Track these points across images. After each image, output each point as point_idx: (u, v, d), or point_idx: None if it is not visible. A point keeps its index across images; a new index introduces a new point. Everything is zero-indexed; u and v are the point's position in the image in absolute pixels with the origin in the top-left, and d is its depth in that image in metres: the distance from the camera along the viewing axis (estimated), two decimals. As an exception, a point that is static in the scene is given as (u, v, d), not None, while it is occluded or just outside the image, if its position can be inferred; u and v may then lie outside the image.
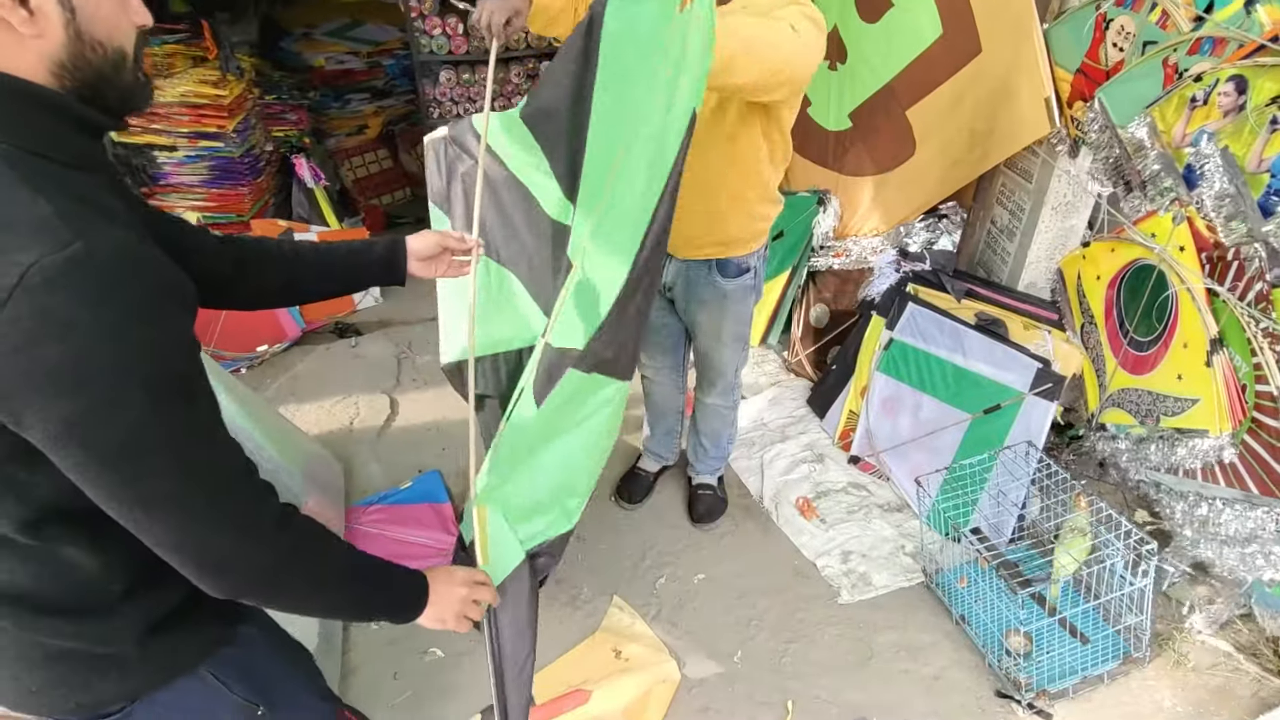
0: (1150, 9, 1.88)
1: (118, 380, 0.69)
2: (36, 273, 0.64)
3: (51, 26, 0.71)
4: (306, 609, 0.94)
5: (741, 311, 2.06)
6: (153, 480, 0.75)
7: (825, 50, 1.61)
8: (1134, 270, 2.10)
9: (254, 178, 3.53)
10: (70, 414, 0.69)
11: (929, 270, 2.68)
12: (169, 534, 0.78)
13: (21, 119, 0.72)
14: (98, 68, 0.75)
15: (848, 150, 2.85)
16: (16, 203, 0.68)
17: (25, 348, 0.65)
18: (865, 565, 2.29)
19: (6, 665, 0.88)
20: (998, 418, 2.33)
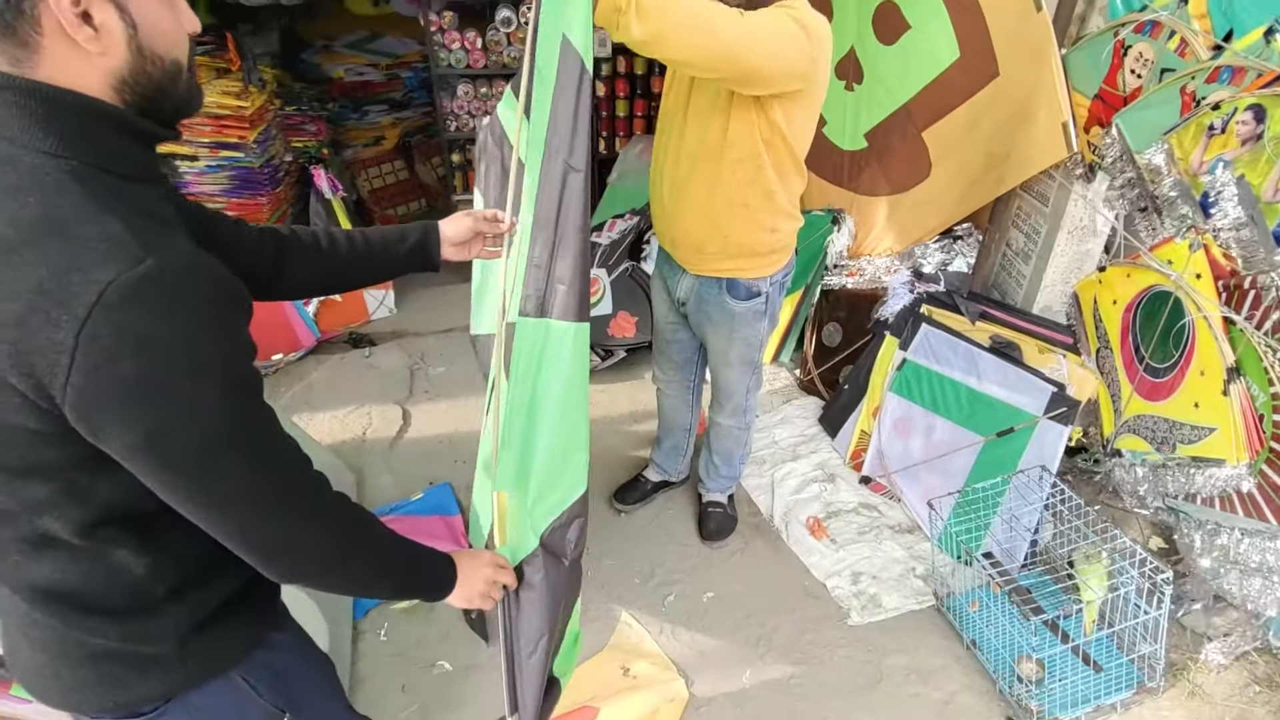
0: (1169, 37, 1.89)
1: (194, 388, 0.73)
2: (114, 291, 0.67)
3: (115, 43, 0.73)
4: (356, 588, 0.99)
5: (750, 335, 2.03)
6: (227, 480, 0.79)
7: (818, 57, 1.60)
8: (1150, 296, 2.10)
9: (273, 188, 3.57)
10: (150, 425, 0.72)
11: (943, 291, 2.68)
12: (241, 528, 0.82)
13: (87, 135, 0.74)
14: (157, 80, 0.78)
15: (863, 170, 2.86)
16: (87, 220, 0.70)
17: (105, 364, 0.68)
18: (876, 587, 2.28)
19: (49, 662, 0.90)
20: (1011, 441, 2.32)
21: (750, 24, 1.46)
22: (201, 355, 0.73)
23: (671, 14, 1.35)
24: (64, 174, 0.72)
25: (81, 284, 0.67)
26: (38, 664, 0.91)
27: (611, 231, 3.28)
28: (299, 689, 1.08)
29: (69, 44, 0.71)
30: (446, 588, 1.08)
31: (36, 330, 0.67)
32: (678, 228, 1.89)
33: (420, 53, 4.55)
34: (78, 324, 0.67)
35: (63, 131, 0.72)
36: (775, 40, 1.50)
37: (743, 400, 2.23)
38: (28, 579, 0.84)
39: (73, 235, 0.69)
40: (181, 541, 0.84)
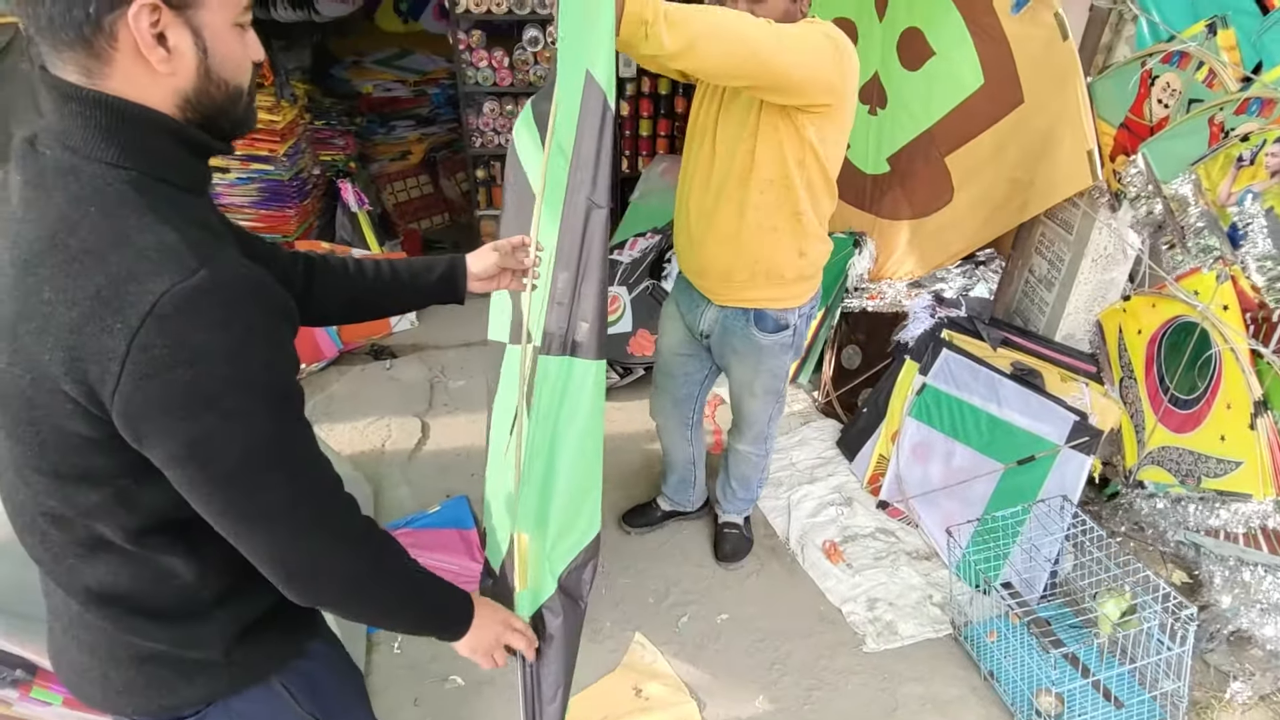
0: (1197, 67, 1.88)
1: (241, 400, 0.74)
2: (168, 301, 0.68)
3: (185, 66, 0.76)
4: (374, 616, 0.99)
5: (777, 367, 2.02)
6: (263, 495, 0.79)
7: (847, 72, 1.61)
8: (1176, 327, 2.08)
9: (301, 200, 3.63)
10: (195, 435, 0.73)
11: (964, 317, 2.66)
12: (271, 545, 0.82)
13: (148, 146, 0.76)
14: (219, 103, 0.80)
15: (885, 194, 2.86)
16: (145, 230, 0.71)
17: (156, 373, 0.69)
18: (892, 613, 2.26)
19: (98, 664, 0.91)
20: (1031, 469, 2.30)
21: (779, 32, 1.48)
22: (251, 368, 0.74)
23: (701, 22, 1.37)
24: (124, 184, 0.74)
25: (137, 293, 0.68)
26: (85, 666, 0.92)
27: (633, 250, 3.30)
28: (333, 699, 1.09)
29: (140, 62, 0.73)
30: (462, 629, 1.07)
31: (92, 337, 0.69)
32: (705, 255, 1.87)
33: (448, 70, 4.63)
34: (131, 332, 0.68)
35: (125, 143, 0.74)
36: (804, 51, 1.51)
37: (764, 428, 2.21)
38: (81, 582, 0.86)
39: (131, 245, 0.70)
40: (228, 549, 0.85)
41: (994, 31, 2.30)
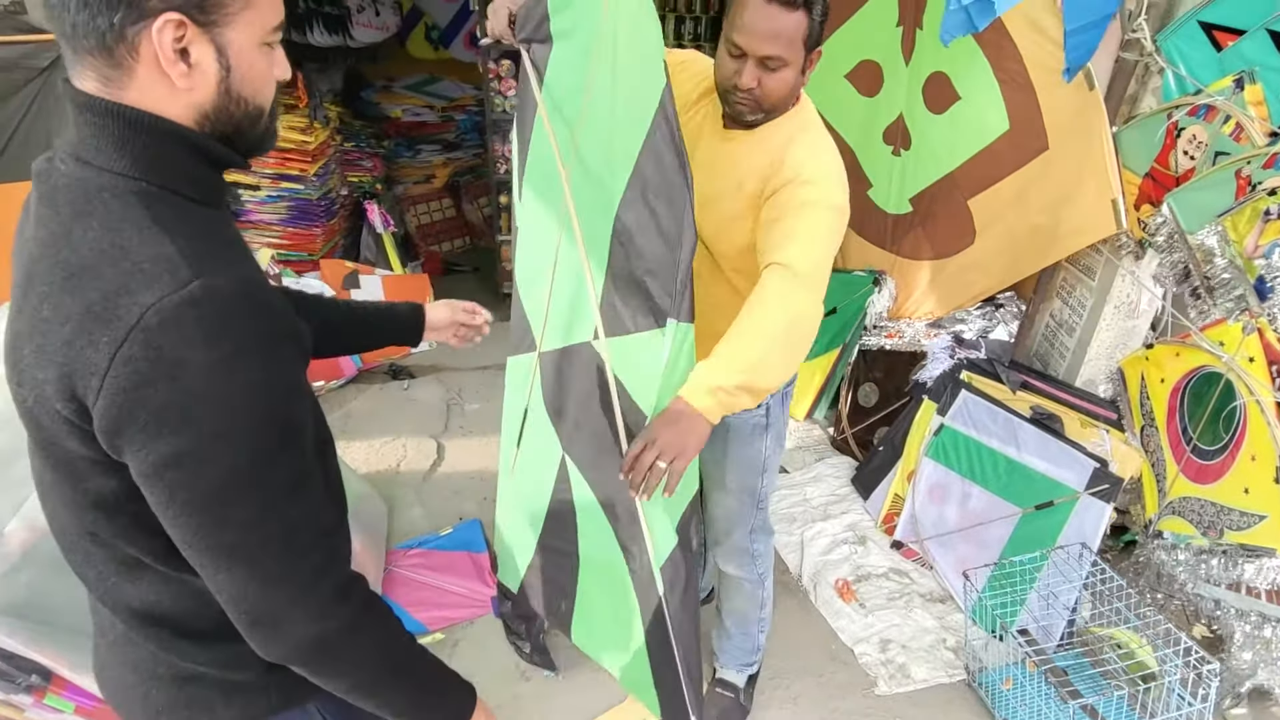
0: (1224, 121, 1.90)
1: (221, 423, 0.69)
2: (154, 314, 0.66)
3: (206, 82, 0.73)
4: (351, 692, 0.90)
5: (749, 456, 1.69)
6: (233, 530, 0.74)
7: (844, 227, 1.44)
8: (1200, 377, 2.07)
9: (328, 220, 3.68)
10: (166, 454, 0.69)
11: (984, 359, 2.66)
12: (232, 585, 0.77)
13: (161, 157, 0.73)
14: (238, 121, 0.78)
15: (906, 234, 2.88)
16: (145, 242, 0.69)
17: (136, 387, 0.66)
18: (905, 656, 2.23)
19: (140, 682, 0.91)
20: (1050, 515, 2.28)
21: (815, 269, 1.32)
22: (236, 389, 0.69)
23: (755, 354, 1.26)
24: (131, 194, 0.71)
25: (126, 306, 0.66)
26: (128, 683, 0.92)
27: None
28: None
29: (160, 75, 0.71)
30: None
31: (80, 352, 0.67)
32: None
33: (475, 97, 4.72)
34: (115, 346, 0.66)
35: (137, 153, 0.72)
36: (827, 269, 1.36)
37: (745, 542, 1.82)
38: (125, 601, 0.85)
39: (128, 258, 0.68)
40: None
41: (1020, 78, 2.33)
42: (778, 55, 1.32)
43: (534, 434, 1.75)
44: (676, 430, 1.20)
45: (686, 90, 1.52)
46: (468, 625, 2.27)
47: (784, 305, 1.28)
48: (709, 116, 1.51)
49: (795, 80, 1.38)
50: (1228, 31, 1.92)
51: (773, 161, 1.39)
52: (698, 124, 1.51)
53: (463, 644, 2.21)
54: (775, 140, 1.42)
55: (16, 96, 2.65)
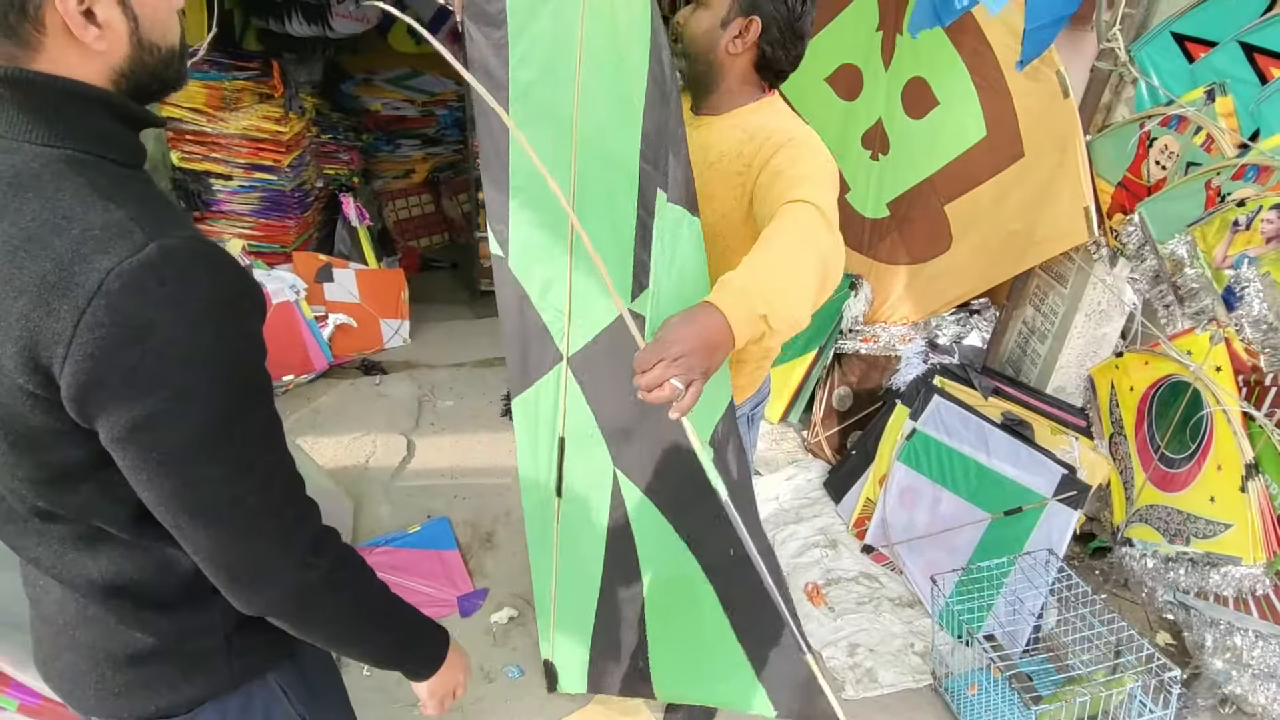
0: (1195, 132, 1.91)
1: (191, 380, 0.70)
2: (115, 278, 0.65)
3: (118, 39, 0.72)
4: (332, 640, 0.91)
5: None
6: (205, 487, 0.74)
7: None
8: (1168, 385, 2.08)
9: (301, 212, 3.63)
10: (138, 416, 0.69)
11: (957, 364, 2.67)
12: (210, 544, 0.77)
13: (81, 122, 0.72)
14: (153, 69, 0.76)
15: (883, 238, 2.89)
16: (90, 209, 0.68)
17: (104, 352, 0.66)
18: (872, 660, 2.22)
19: (96, 666, 0.88)
20: (1018, 521, 2.29)
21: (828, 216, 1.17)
22: (204, 346, 0.70)
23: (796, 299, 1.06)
24: (60, 164, 0.70)
25: (84, 273, 0.65)
26: (81, 670, 0.89)
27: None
28: (323, 700, 1.07)
29: (71, 42, 0.69)
30: (432, 668, 1.02)
31: (39, 324, 0.66)
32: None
33: (456, 92, 4.68)
34: (78, 313, 0.65)
35: (56, 120, 0.71)
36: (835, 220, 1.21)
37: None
38: (85, 575, 0.83)
39: (76, 225, 0.67)
40: None
41: (998, 85, 2.34)
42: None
43: (579, 462, 1.62)
44: (685, 333, 0.96)
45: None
46: (432, 625, 2.23)
47: (813, 237, 1.13)
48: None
49: (710, 26, 1.36)
50: (1200, 43, 1.94)
51: (752, 136, 1.36)
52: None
53: (426, 644, 2.17)
54: (750, 121, 1.39)
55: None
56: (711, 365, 0.96)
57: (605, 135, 1.34)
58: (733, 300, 0.98)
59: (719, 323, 0.97)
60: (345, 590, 0.88)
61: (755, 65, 1.41)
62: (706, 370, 0.95)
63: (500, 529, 2.58)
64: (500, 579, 2.39)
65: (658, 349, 0.93)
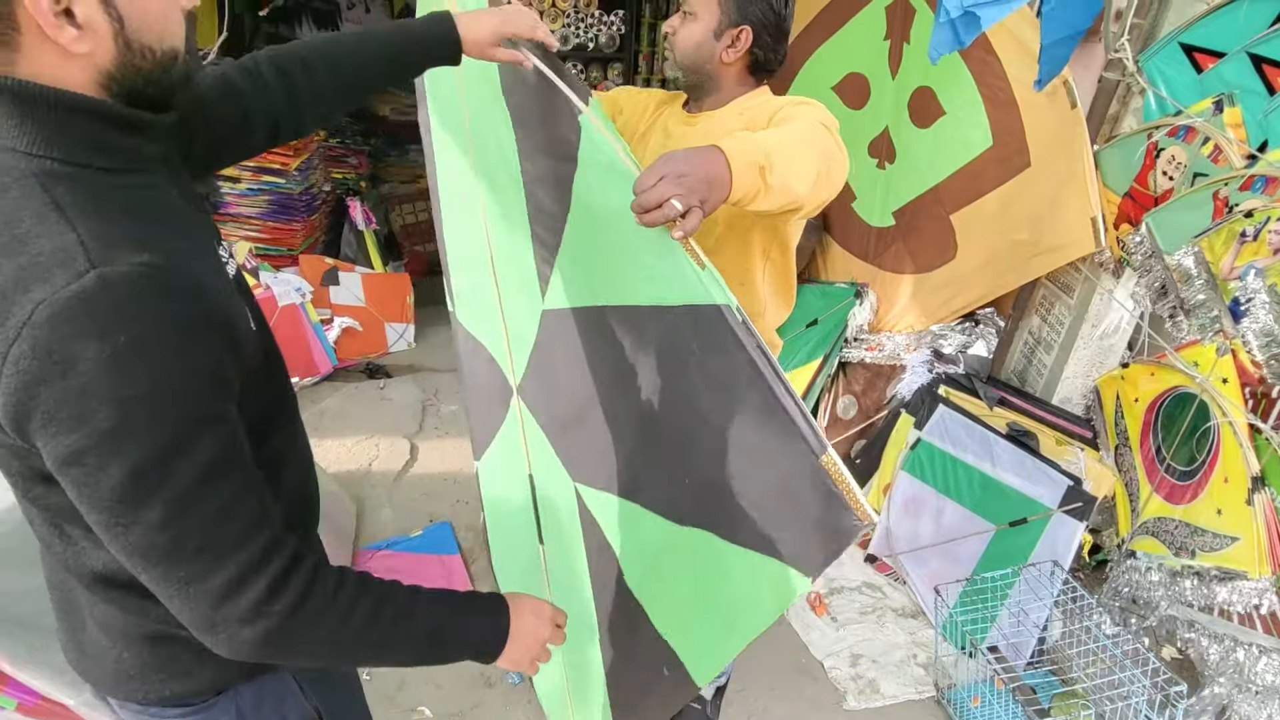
0: (1203, 142, 1.90)
1: (117, 419, 0.64)
2: (44, 309, 0.62)
3: (100, 39, 0.67)
4: (331, 666, 0.89)
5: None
6: (140, 531, 0.69)
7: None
8: (1174, 397, 2.07)
9: (309, 215, 3.64)
10: (67, 452, 0.65)
11: (962, 374, 2.66)
12: (154, 584, 0.72)
13: (65, 130, 0.68)
14: (147, 73, 0.71)
15: (889, 247, 2.88)
16: (44, 233, 0.64)
17: (27, 386, 0.63)
18: (875, 671, 2.21)
19: (112, 646, 0.88)
20: (1023, 532, 2.27)
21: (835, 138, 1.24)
22: (134, 382, 0.64)
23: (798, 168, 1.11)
24: (33, 176, 0.67)
25: (20, 303, 0.62)
26: (102, 647, 0.89)
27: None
28: (337, 695, 1.06)
29: (47, 44, 0.65)
30: (492, 649, 0.94)
31: None
32: None
33: (465, 99, 4.69)
34: (7, 345, 0.62)
35: (38, 128, 0.67)
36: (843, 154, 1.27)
37: None
38: (89, 565, 0.82)
39: (25, 250, 0.64)
40: None
41: (1005, 95, 2.34)
42: (690, 2, 1.39)
43: (549, 494, 1.59)
44: (689, 159, 0.97)
45: (641, 102, 1.57)
46: (433, 629, 2.22)
47: (814, 133, 1.17)
48: (671, 113, 1.54)
49: (703, 37, 1.39)
50: (1209, 54, 1.94)
51: (752, 114, 1.39)
52: (661, 123, 1.54)
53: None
54: (747, 104, 1.43)
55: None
56: (709, 198, 0.96)
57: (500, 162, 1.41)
58: (735, 145, 1.01)
59: (720, 160, 0.99)
60: (320, 630, 0.79)
61: (748, 68, 1.45)
62: (704, 200, 0.94)
63: (502, 534, 2.58)
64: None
65: (659, 168, 0.94)
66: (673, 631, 1.36)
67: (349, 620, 0.81)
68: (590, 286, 1.31)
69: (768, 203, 1.06)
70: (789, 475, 0.96)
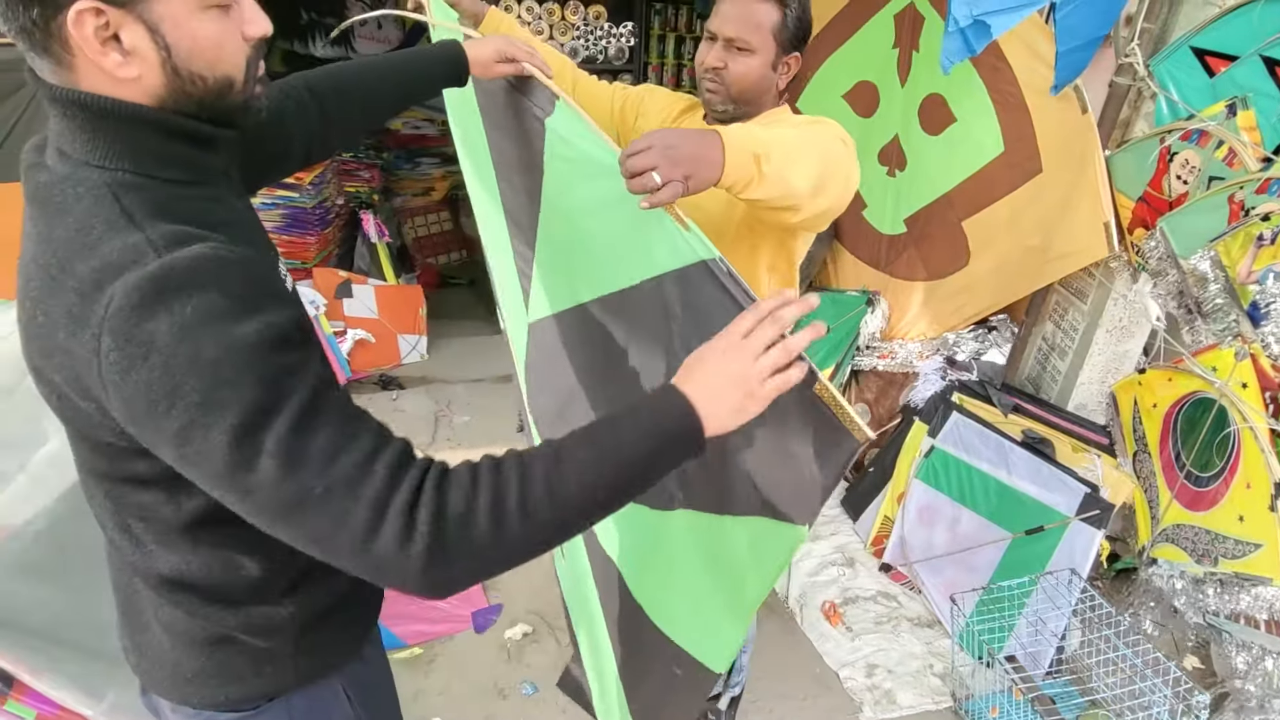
0: (1217, 146, 1.89)
1: (203, 387, 0.64)
2: (116, 300, 0.64)
3: (148, 66, 0.69)
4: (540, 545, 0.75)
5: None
6: (268, 492, 0.67)
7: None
8: (1192, 402, 2.05)
9: (322, 229, 3.67)
10: (175, 430, 0.65)
11: (975, 381, 2.64)
12: (318, 548, 0.70)
13: (131, 143, 0.70)
14: (200, 98, 0.73)
15: (900, 254, 2.87)
16: (114, 236, 0.66)
17: (122, 376, 0.65)
18: (891, 681, 2.19)
19: (170, 649, 0.90)
20: (1040, 540, 2.25)
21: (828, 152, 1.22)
22: (206, 348, 0.64)
23: (796, 164, 1.12)
24: (103, 186, 0.69)
25: (97, 300, 0.65)
26: (163, 649, 0.91)
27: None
28: (382, 706, 1.09)
29: (96, 65, 0.67)
30: (688, 447, 0.78)
31: (75, 354, 0.66)
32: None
33: (476, 111, 4.73)
34: (95, 341, 0.64)
35: (106, 141, 0.69)
36: (854, 166, 1.29)
37: None
38: (156, 570, 0.85)
39: (98, 253, 0.66)
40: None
41: (1015, 101, 2.34)
42: (743, 38, 1.34)
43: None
44: (683, 136, 0.98)
45: (666, 105, 1.57)
46: (446, 641, 2.22)
47: (821, 137, 1.18)
48: (693, 122, 1.53)
49: (762, 72, 1.39)
50: (1220, 57, 1.93)
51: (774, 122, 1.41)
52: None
53: (440, 659, 2.17)
54: (768, 121, 1.42)
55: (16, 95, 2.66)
56: (694, 175, 0.97)
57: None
58: (733, 131, 1.04)
59: (715, 141, 1.01)
60: (485, 519, 0.71)
61: (783, 89, 1.47)
62: (688, 176, 0.96)
63: (515, 544, 2.58)
64: (515, 595, 2.38)
65: (651, 137, 0.97)
66: (674, 627, 1.34)
67: (504, 493, 0.73)
68: (570, 287, 1.32)
69: (762, 191, 1.07)
70: (784, 414, 0.89)
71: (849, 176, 1.24)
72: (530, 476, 0.73)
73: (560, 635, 2.25)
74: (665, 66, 4.16)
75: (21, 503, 1.57)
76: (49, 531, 1.58)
